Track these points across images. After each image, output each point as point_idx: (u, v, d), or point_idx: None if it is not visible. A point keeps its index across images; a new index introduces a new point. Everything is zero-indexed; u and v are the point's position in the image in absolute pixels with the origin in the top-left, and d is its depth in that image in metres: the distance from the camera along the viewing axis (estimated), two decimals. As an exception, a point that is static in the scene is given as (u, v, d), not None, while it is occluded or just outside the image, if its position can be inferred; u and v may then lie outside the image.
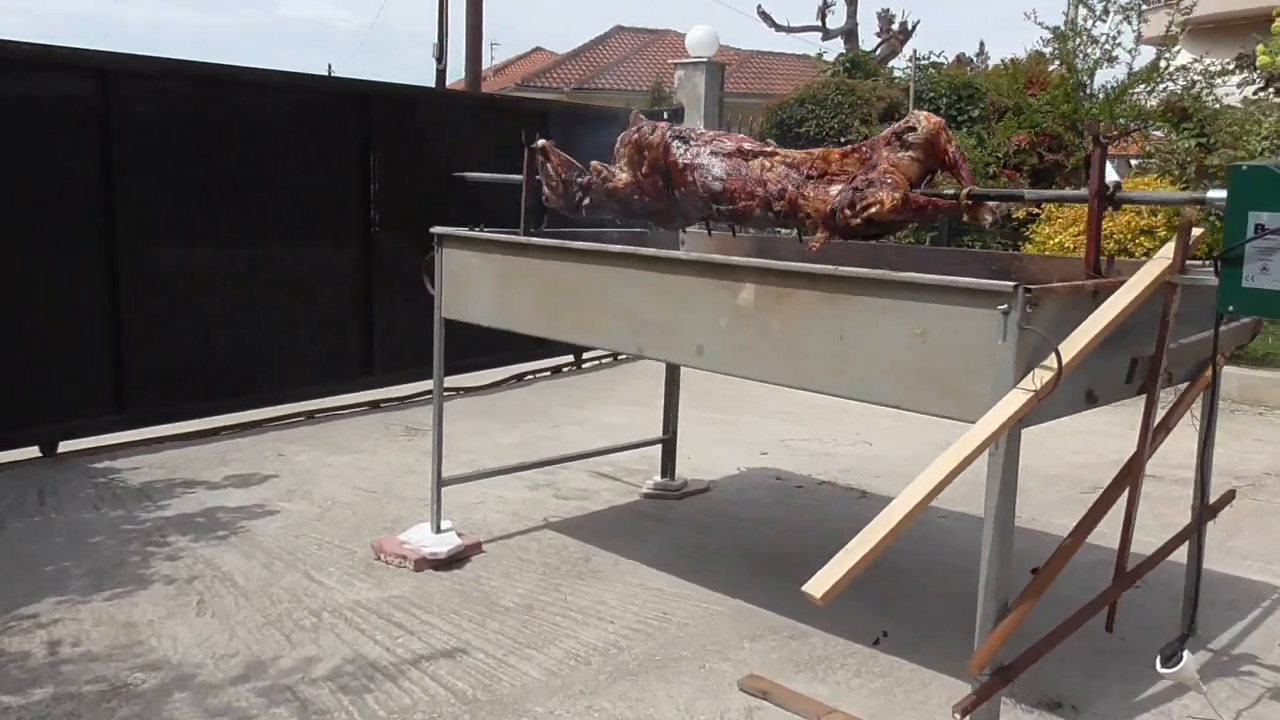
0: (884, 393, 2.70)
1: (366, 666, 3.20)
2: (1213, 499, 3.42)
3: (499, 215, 4.18)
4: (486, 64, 24.67)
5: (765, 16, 26.42)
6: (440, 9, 17.72)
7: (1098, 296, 2.62)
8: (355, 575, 3.92)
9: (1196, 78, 10.44)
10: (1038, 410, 2.42)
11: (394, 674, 3.16)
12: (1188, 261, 2.67)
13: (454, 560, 4.02)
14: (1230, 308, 2.50)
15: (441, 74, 18.34)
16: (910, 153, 2.87)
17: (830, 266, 2.77)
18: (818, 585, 2.16)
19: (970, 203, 2.89)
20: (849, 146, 3.22)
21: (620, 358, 8.89)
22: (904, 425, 6.45)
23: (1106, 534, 3.11)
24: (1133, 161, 14.29)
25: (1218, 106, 9.15)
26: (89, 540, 4.23)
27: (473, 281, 3.88)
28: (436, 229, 4.00)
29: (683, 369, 5.06)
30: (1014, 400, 2.39)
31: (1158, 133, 10.70)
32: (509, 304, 3.75)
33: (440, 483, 4.16)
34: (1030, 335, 2.41)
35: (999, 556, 2.52)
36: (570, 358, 8.56)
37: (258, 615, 3.55)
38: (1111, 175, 13.42)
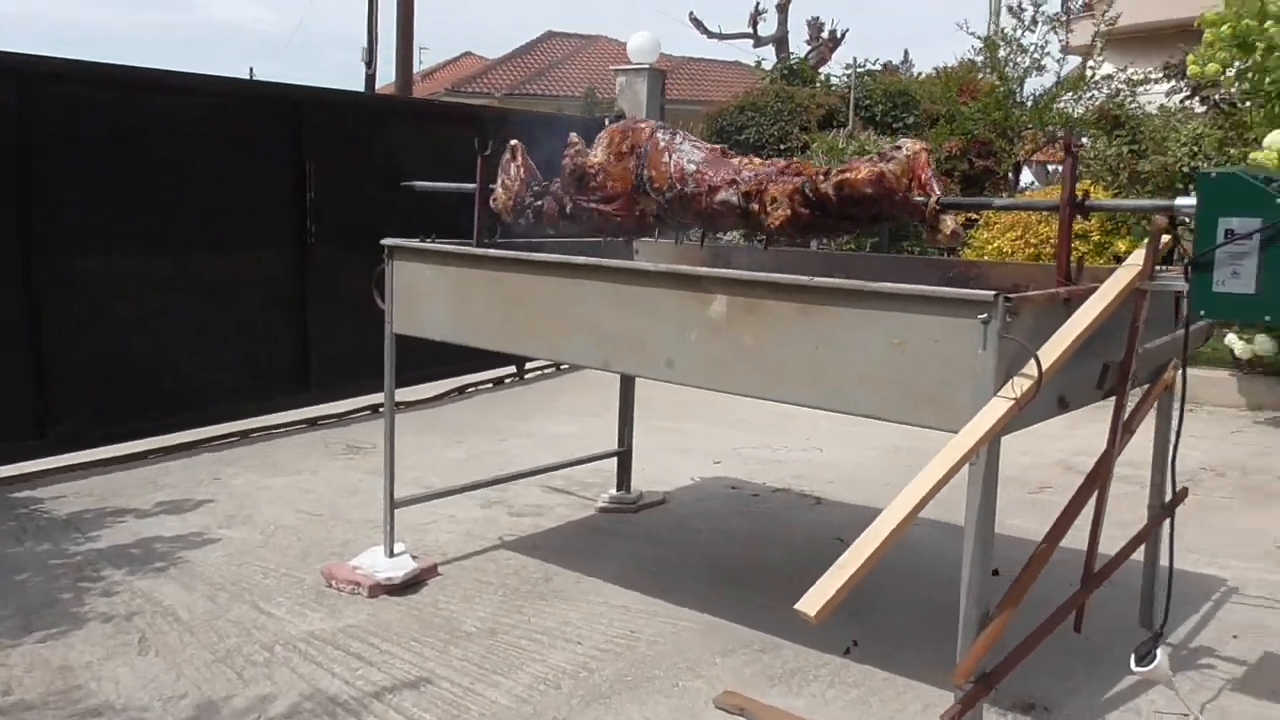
0: (862, 404, 2.67)
1: (326, 702, 3.07)
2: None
3: (446, 225, 4.07)
4: (416, 68, 24.43)
5: (697, 23, 26.58)
6: (370, 11, 17.42)
7: (1069, 304, 2.63)
8: (306, 605, 3.78)
9: (1121, 86, 10.72)
10: (1015, 418, 2.41)
11: (356, 709, 3.04)
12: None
13: (410, 585, 3.90)
14: (1202, 312, 2.52)
15: (371, 78, 18.03)
16: (889, 165, 2.85)
17: (804, 277, 2.74)
18: (811, 604, 2.12)
19: (939, 209, 2.87)
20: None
21: (563, 368, 8.80)
22: (852, 431, 6.48)
23: (1039, 531, 3.11)
24: (1050, 168, 14.67)
25: (1141, 114, 9.38)
26: (14, 578, 4.00)
27: (426, 294, 3.78)
28: (387, 240, 3.89)
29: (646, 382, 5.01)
30: (996, 409, 2.37)
31: (1084, 140, 10.96)
32: (466, 318, 3.66)
33: (393, 504, 4.03)
34: (1010, 344, 2.40)
35: (980, 565, 2.51)
36: (512, 369, 8.44)
37: (205, 652, 3.39)
38: (1026, 179, 13.72)
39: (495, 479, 4.85)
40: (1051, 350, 2.44)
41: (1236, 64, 6.72)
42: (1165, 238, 2.64)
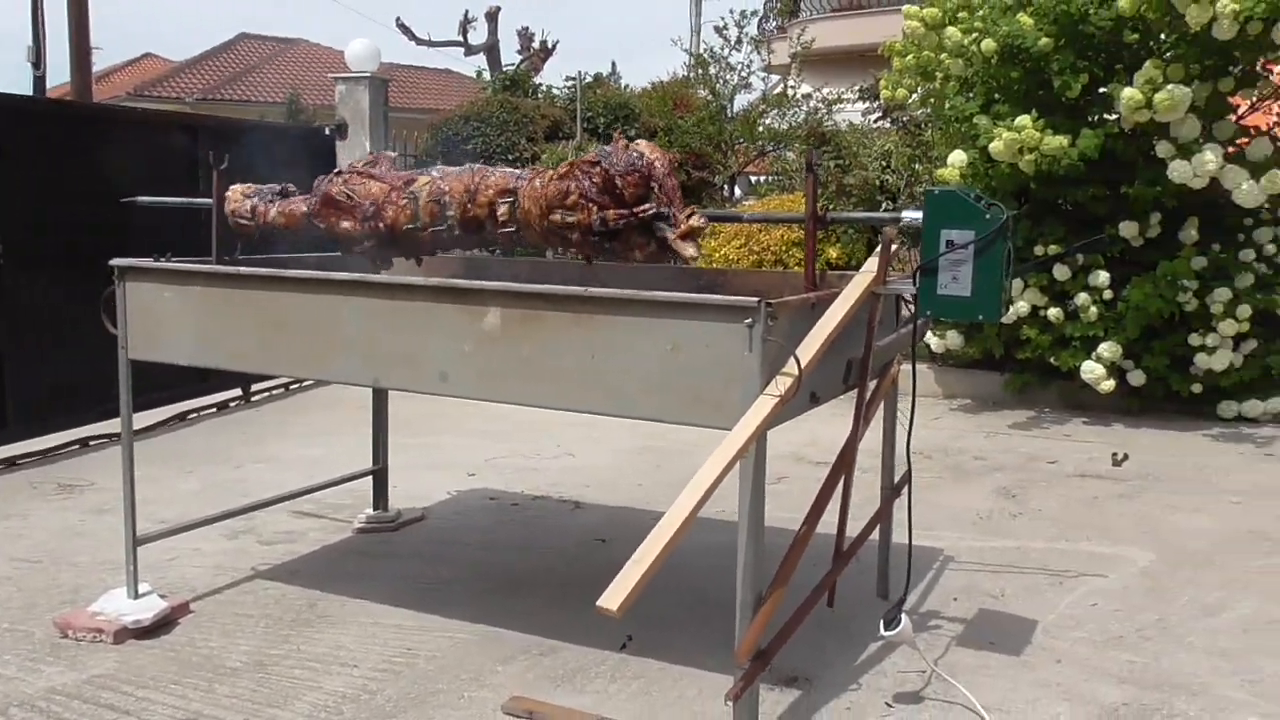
0: (639, 407, 2.81)
1: (86, 755, 2.86)
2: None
3: (166, 242, 3.85)
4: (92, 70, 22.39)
5: (405, 30, 26.23)
6: (34, 6, 15.85)
7: (816, 308, 2.89)
8: (41, 659, 3.46)
9: (819, 104, 11.65)
10: (779, 413, 2.63)
11: (122, 758, 2.85)
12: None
13: (160, 626, 3.67)
14: (929, 312, 2.86)
15: (40, 80, 16.42)
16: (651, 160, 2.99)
17: (580, 289, 2.85)
18: (612, 599, 2.23)
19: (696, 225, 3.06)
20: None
21: (292, 387, 8.48)
22: (600, 435, 6.69)
23: (786, 518, 3.40)
24: (754, 179, 15.70)
25: (843, 132, 10.24)
26: None
27: (168, 317, 3.57)
28: (118, 261, 3.64)
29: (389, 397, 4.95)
30: (763, 405, 2.58)
31: (790, 154, 11.80)
32: (216, 340, 3.49)
33: (136, 542, 3.78)
34: (772, 345, 2.62)
35: (753, 552, 2.71)
36: (238, 391, 8.04)
37: (-72, 724, 3.06)
38: (739, 191, 14.62)
39: (246, 507, 4.63)
40: (807, 349, 2.69)
41: (920, 90, 7.52)
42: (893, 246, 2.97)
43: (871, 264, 2.97)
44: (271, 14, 70.51)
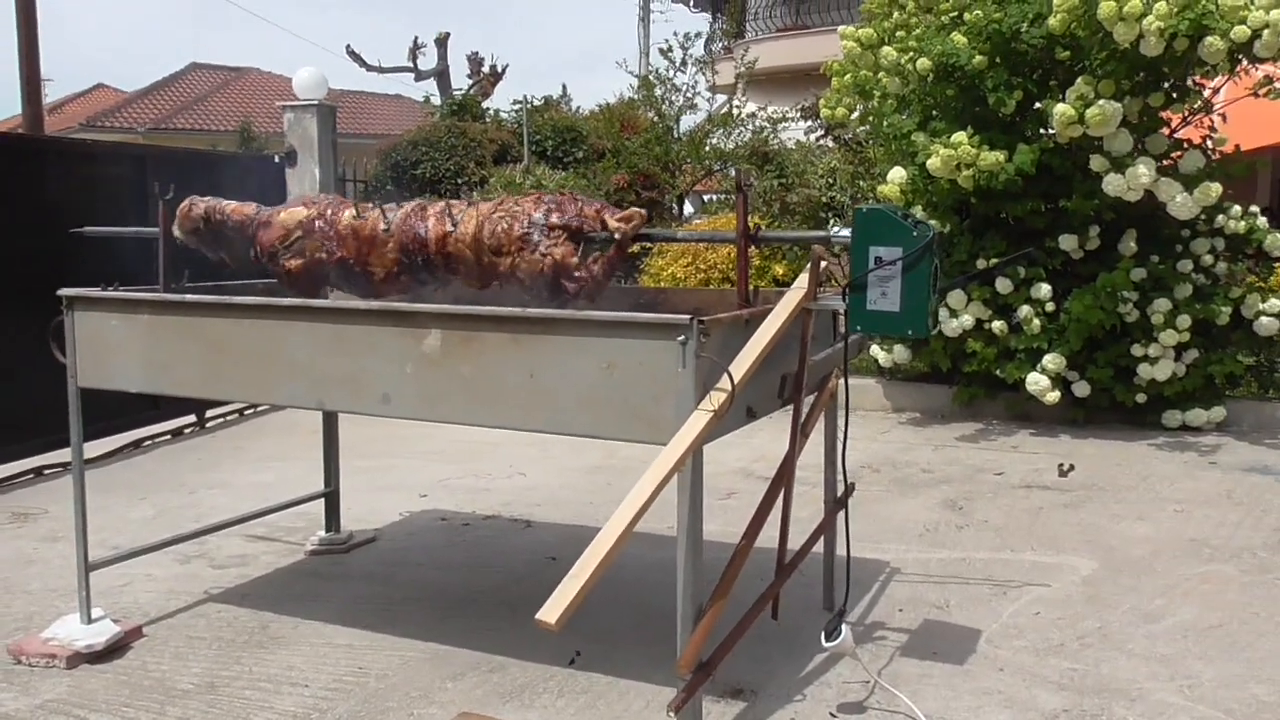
0: (578, 424, 2.88)
1: (33, 782, 2.87)
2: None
3: (109, 271, 3.89)
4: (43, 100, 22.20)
5: (355, 56, 26.27)
6: (-16, 40, 15.69)
7: (749, 324, 2.97)
8: (-8, 685, 3.48)
9: (764, 124, 11.80)
10: (714, 428, 2.71)
11: (69, 784, 2.86)
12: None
13: (113, 650, 3.68)
14: (858, 327, 2.95)
15: (-12, 113, 16.29)
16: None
17: (518, 310, 2.92)
18: (550, 612, 2.28)
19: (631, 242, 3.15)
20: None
21: (246, 413, 8.46)
22: (549, 454, 6.75)
23: (734, 533, 3.47)
24: (705, 197, 15.87)
25: (785, 150, 10.40)
26: None
27: (116, 345, 3.59)
28: (66, 290, 3.66)
29: (339, 420, 4.98)
30: (698, 421, 2.65)
31: (733, 170, 11.95)
32: (163, 367, 3.52)
33: (88, 567, 3.78)
34: (705, 361, 2.69)
35: (693, 565, 2.77)
36: (192, 418, 8.01)
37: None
38: (689, 209, 14.78)
39: (196, 531, 4.64)
40: (740, 365, 2.76)
41: (859, 108, 7.68)
42: (823, 264, 3.05)
43: (803, 280, 3.05)
44: (222, 44, 70.19)
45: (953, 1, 6.98)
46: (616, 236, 3.09)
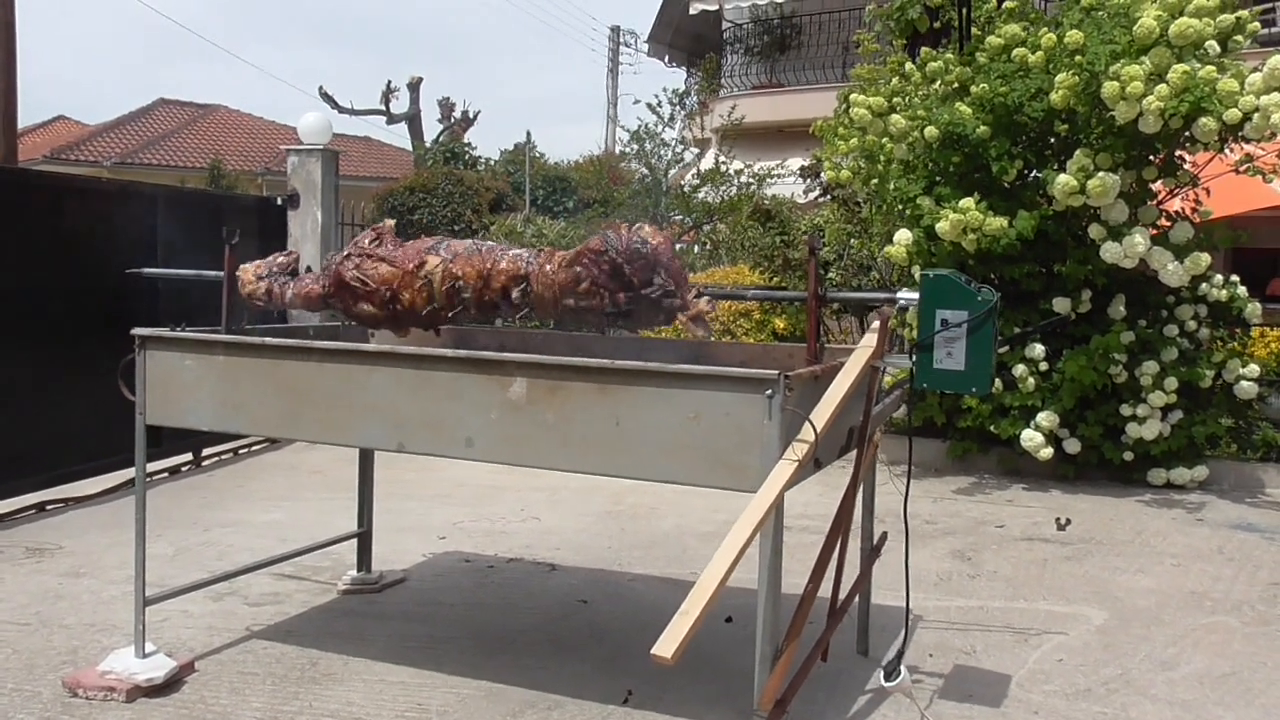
0: (661, 471, 3.02)
1: (118, 812, 2.92)
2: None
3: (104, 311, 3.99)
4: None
5: (327, 98, 26.50)
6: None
7: (819, 380, 3.15)
8: (55, 719, 3.50)
9: (750, 180, 12.12)
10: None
11: (155, 814, 2.91)
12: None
13: (169, 684, 3.73)
14: (925, 385, 3.13)
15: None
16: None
17: (606, 361, 3.08)
18: (665, 647, 2.41)
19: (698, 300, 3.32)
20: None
21: (241, 451, 8.48)
22: (559, 499, 6.86)
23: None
24: (678, 247, 16.17)
25: (780, 204, 10.68)
26: None
27: (188, 385, 3.69)
28: (139, 330, 3.76)
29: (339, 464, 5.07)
30: (783, 470, 2.81)
31: (723, 226, 12.23)
32: (237, 406, 3.61)
33: (145, 602, 3.84)
34: (789, 414, 2.86)
35: (773, 605, 2.92)
36: (189, 456, 8.02)
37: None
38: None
39: (247, 567, 4.72)
40: (819, 417, 2.93)
41: (862, 170, 7.96)
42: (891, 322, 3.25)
43: (870, 339, 3.24)
44: (187, 79, 70.15)
45: (957, 74, 7.30)
46: (706, 308, 3.25)
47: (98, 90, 68.70)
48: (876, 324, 3.21)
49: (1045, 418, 7.21)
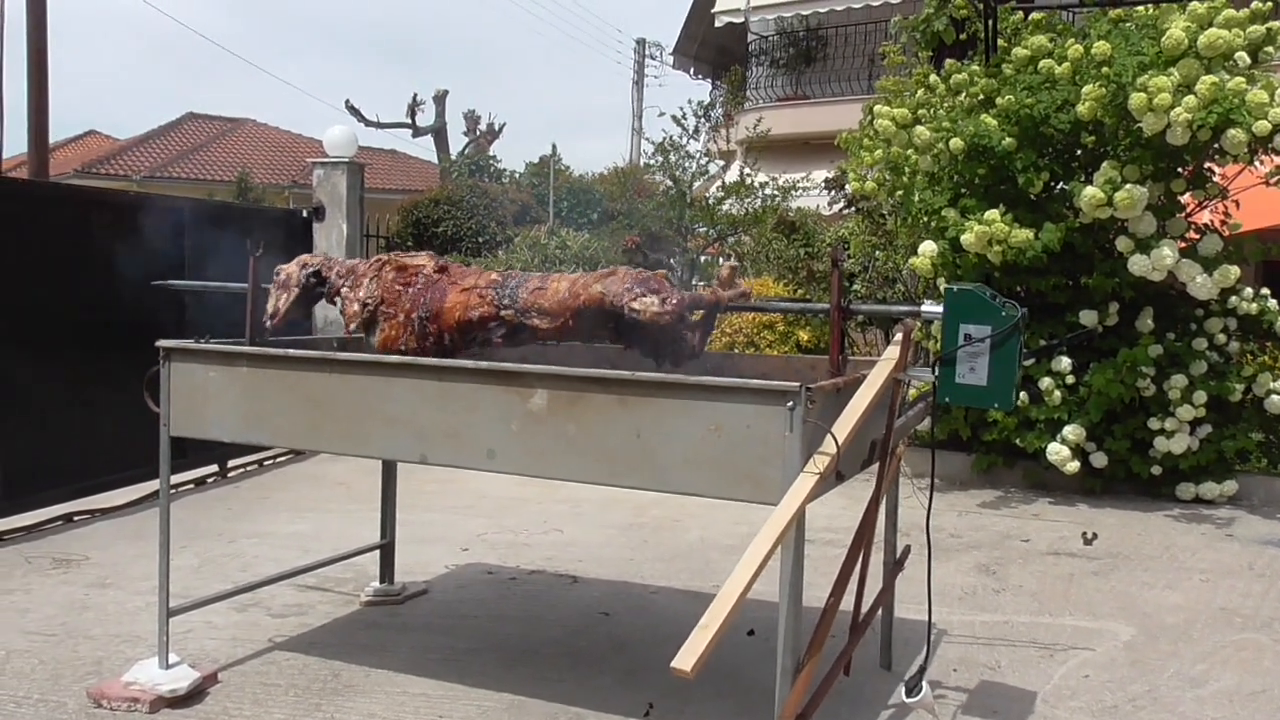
0: (682, 483, 3.01)
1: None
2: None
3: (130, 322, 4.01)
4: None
5: (354, 111, 26.72)
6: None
7: (841, 392, 3.13)
8: (78, 728, 3.54)
9: (774, 192, 12.11)
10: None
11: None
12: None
13: (193, 695, 3.74)
14: (947, 399, 3.11)
15: (-7, 154, 16.39)
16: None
17: (627, 373, 3.07)
18: (685, 660, 2.40)
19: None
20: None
21: (267, 463, 8.53)
22: (581, 511, 6.85)
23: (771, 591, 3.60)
24: (702, 258, 16.19)
25: (805, 217, 10.67)
26: None
27: (213, 396, 3.71)
28: (164, 342, 3.79)
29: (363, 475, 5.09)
30: (805, 483, 2.79)
31: (747, 238, 12.23)
32: (260, 418, 3.64)
33: (169, 613, 3.86)
34: (810, 426, 2.84)
35: (794, 619, 2.90)
36: (214, 467, 8.08)
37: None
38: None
39: (272, 577, 4.75)
40: (841, 429, 2.92)
41: (886, 182, 7.94)
42: (914, 335, 3.22)
43: (892, 352, 3.22)
44: (217, 95, 71.04)
45: (982, 85, 7.27)
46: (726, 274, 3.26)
47: (128, 105, 69.63)
48: (899, 336, 3.19)
49: (1072, 431, 7.14)
